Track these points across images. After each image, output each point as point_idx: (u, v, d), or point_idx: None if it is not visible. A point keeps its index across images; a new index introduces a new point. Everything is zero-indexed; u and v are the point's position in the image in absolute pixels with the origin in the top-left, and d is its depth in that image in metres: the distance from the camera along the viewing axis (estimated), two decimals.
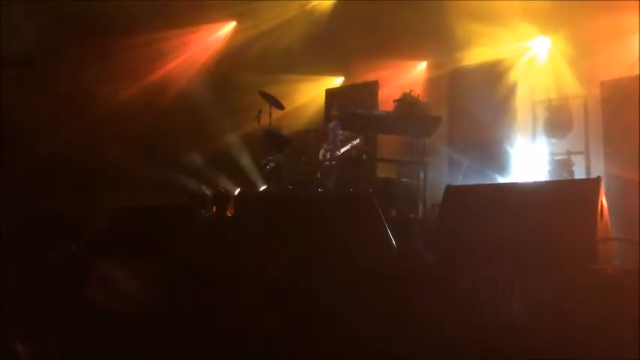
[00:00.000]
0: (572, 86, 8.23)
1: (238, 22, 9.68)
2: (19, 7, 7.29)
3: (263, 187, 8.09)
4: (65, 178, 7.51)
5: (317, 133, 7.70)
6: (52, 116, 7.79)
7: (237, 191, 8.76)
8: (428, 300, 3.44)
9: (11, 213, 6.38)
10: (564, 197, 3.57)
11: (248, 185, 8.53)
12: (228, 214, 7.67)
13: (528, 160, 8.26)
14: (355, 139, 7.32)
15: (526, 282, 3.17)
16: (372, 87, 9.90)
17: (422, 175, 7.21)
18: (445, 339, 3.26)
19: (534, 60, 8.77)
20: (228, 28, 9.74)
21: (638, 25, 7.44)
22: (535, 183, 5.08)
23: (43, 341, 4.06)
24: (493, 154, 8.36)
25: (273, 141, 7.63)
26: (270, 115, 7.72)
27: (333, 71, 10.55)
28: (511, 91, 8.71)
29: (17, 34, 7.30)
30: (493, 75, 8.69)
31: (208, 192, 8.37)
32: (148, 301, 4.25)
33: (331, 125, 7.72)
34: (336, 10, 9.09)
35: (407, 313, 3.46)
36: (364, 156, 7.41)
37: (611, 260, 3.54)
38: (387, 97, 8.73)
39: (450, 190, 3.93)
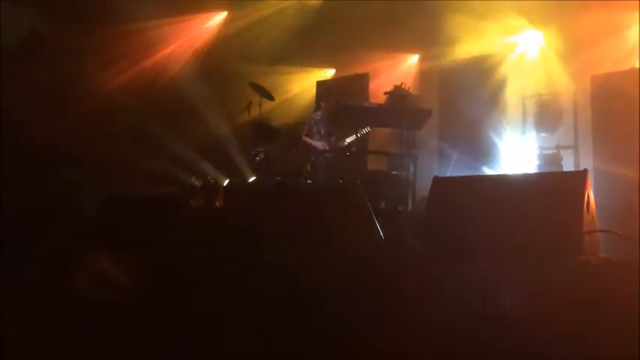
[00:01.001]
0: (562, 81, 8.24)
1: (229, 13, 9.62)
2: None
3: (252, 179, 8.07)
4: (54, 167, 7.45)
5: (304, 130, 7.66)
6: (40, 106, 7.72)
7: (226, 182, 8.73)
8: (414, 290, 3.44)
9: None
10: (551, 189, 3.58)
11: (237, 176, 8.50)
12: (217, 205, 7.64)
13: (518, 154, 8.29)
14: (347, 132, 7.33)
15: (512, 273, 3.17)
16: (363, 79, 9.90)
17: (412, 167, 7.22)
18: (431, 329, 3.26)
19: (525, 54, 8.78)
20: (219, 18, 9.69)
21: (629, 21, 7.47)
22: (522, 175, 5.09)
23: (29, 332, 4.03)
24: (483, 148, 8.40)
25: (262, 132, 7.62)
26: (260, 106, 7.71)
27: (324, 63, 10.53)
28: (501, 85, 8.72)
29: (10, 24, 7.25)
30: (484, 69, 8.69)
31: (197, 183, 8.34)
32: (135, 292, 4.22)
33: (319, 116, 7.69)
34: (327, 2, 9.05)
35: (393, 303, 3.46)
36: (354, 148, 7.40)
37: (597, 252, 3.56)
38: (378, 89, 8.73)
39: (438, 181, 3.93)
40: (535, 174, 6.24)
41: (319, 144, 7.43)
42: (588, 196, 3.49)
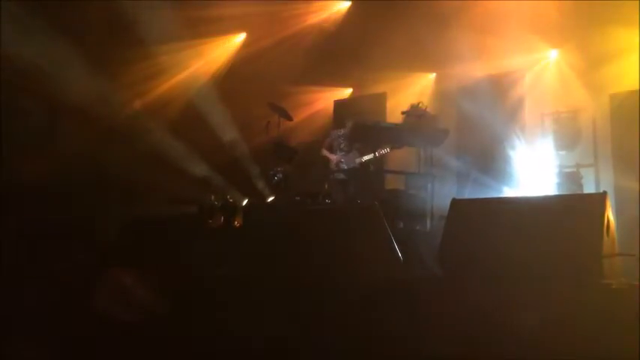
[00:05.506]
0: (581, 99, 8.20)
1: (248, 34, 9.75)
2: (25, 14, 7.35)
3: (271, 198, 8.12)
4: (76, 187, 7.55)
5: (324, 144, 7.70)
6: (63, 125, 7.86)
7: (245, 202, 8.79)
8: (433, 312, 3.45)
9: (22, 221, 6.42)
10: (570, 212, 3.56)
11: (256, 196, 8.55)
12: (236, 224, 7.69)
13: (537, 172, 8.23)
14: (365, 151, 7.34)
15: (531, 296, 3.17)
16: (381, 99, 9.93)
17: (429, 187, 7.22)
18: (450, 351, 3.26)
19: (543, 72, 8.75)
20: (238, 39, 9.83)
21: None
22: (541, 197, 5.06)
23: (51, 350, 4.09)
24: (501, 167, 8.35)
25: (281, 152, 7.68)
26: (279, 126, 7.77)
27: (342, 83, 10.58)
28: (519, 103, 8.70)
29: (24, 42, 7.38)
30: (501, 87, 8.69)
31: (217, 202, 8.39)
32: (156, 311, 4.27)
33: (338, 136, 7.70)
34: (345, 23, 9.14)
35: (412, 324, 3.46)
36: (372, 167, 7.41)
37: (616, 275, 3.53)
38: (396, 108, 8.76)
39: (456, 203, 3.94)
40: (554, 196, 6.20)
41: (338, 158, 7.44)
42: (608, 218, 3.48)
